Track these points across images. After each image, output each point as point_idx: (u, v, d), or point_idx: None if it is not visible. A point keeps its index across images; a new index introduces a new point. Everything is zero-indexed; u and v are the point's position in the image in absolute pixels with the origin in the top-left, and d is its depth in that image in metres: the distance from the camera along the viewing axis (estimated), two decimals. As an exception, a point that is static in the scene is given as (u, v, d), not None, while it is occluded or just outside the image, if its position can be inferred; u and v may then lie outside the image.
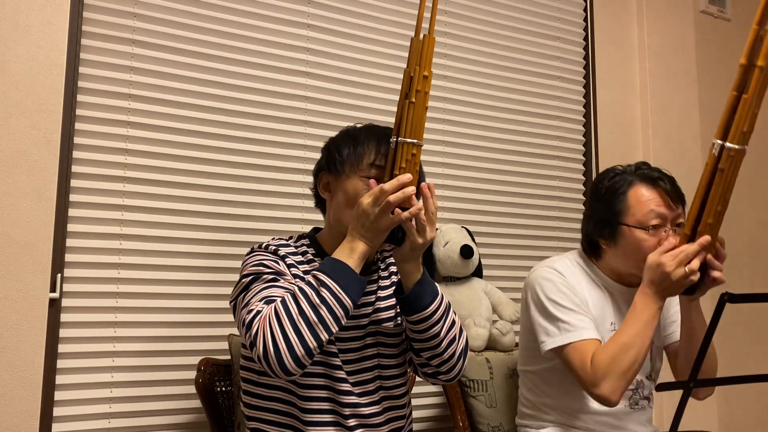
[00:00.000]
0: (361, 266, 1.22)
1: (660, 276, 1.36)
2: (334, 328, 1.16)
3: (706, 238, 1.32)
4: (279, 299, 1.17)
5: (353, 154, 1.32)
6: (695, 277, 1.35)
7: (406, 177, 1.18)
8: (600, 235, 1.56)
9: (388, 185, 1.17)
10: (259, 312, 1.17)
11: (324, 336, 1.15)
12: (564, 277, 1.54)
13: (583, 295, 1.54)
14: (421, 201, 1.23)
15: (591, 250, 1.61)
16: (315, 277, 1.18)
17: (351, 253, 1.20)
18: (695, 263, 1.34)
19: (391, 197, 1.17)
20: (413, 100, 1.21)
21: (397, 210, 1.19)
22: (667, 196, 1.50)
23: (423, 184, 1.23)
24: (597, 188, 1.60)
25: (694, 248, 1.33)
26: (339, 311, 1.16)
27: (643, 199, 1.50)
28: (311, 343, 1.13)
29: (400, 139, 1.21)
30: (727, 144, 1.26)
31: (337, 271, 1.18)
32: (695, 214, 1.33)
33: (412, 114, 1.21)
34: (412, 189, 1.18)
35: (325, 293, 1.15)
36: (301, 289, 1.17)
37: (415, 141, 1.21)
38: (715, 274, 1.37)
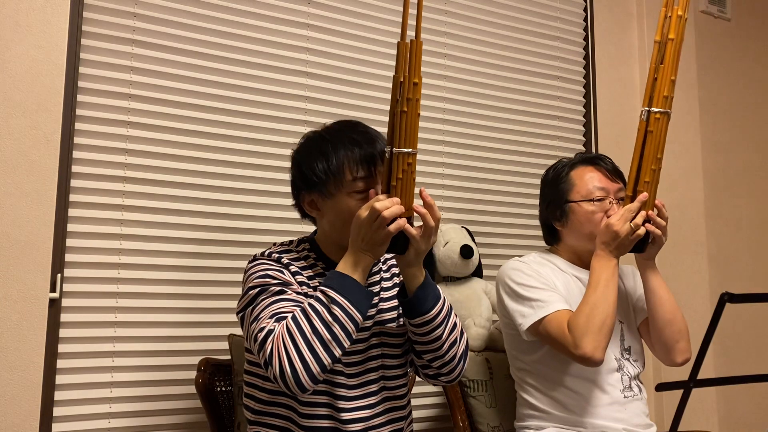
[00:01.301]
0: (366, 277, 1.23)
1: (610, 236, 1.49)
2: (347, 344, 1.18)
3: (644, 195, 1.47)
4: (290, 316, 1.18)
5: (330, 173, 1.29)
6: (641, 231, 1.47)
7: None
8: (552, 217, 1.70)
9: (379, 204, 1.18)
10: (271, 331, 1.17)
11: (338, 352, 1.17)
12: (529, 264, 1.65)
13: (550, 278, 1.63)
14: (419, 212, 1.24)
15: (550, 236, 1.75)
16: (324, 293, 1.18)
17: (355, 267, 1.21)
18: (639, 218, 1.47)
19: (385, 213, 1.18)
20: (405, 109, 1.21)
21: (398, 220, 1.19)
22: (607, 172, 1.66)
23: (423, 193, 1.24)
24: (544, 179, 1.75)
25: (636, 205, 1.48)
26: (350, 327, 1.18)
27: (585, 176, 1.65)
28: (326, 360, 1.15)
29: (395, 149, 1.21)
30: (653, 108, 1.47)
31: (345, 287, 1.19)
32: (634, 176, 1.49)
33: (405, 123, 1.21)
34: (402, 208, 1.20)
35: (336, 310, 1.17)
36: (312, 306, 1.17)
37: (410, 150, 1.21)
38: (649, 227, 1.49)
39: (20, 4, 1.68)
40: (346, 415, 1.30)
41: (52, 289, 1.67)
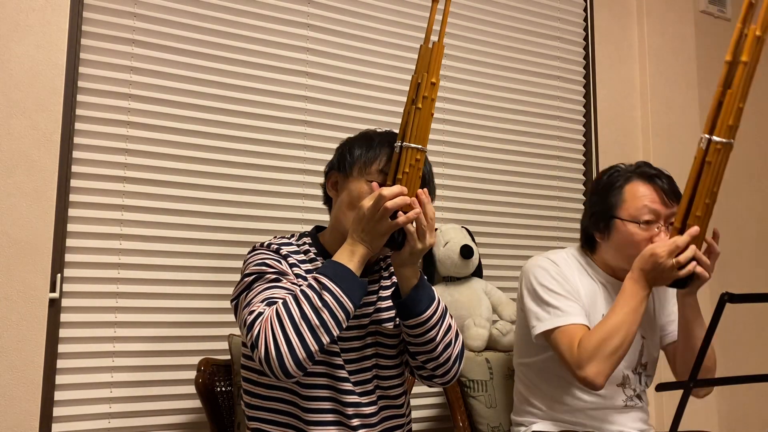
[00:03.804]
0: (362, 269, 1.23)
1: (651, 265, 1.40)
2: (336, 332, 1.17)
3: (695, 229, 1.36)
4: (281, 301, 1.18)
5: (364, 157, 1.33)
6: (684, 272, 1.38)
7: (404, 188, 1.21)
8: (595, 228, 1.60)
9: (386, 191, 1.19)
10: (260, 313, 1.17)
11: (326, 339, 1.15)
12: (557, 266, 1.58)
13: (575, 284, 1.56)
14: (415, 208, 1.23)
15: (587, 244, 1.65)
16: (316, 279, 1.18)
17: (351, 256, 1.21)
18: (683, 257, 1.37)
19: (389, 203, 1.18)
20: (420, 106, 1.23)
21: (400, 213, 1.20)
22: (663, 194, 1.53)
23: (419, 191, 1.24)
24: (596, 183, 1.65)
25: (685, 239, 1.37)
26: (341, 315, 1.17)
27: (638, 194, 1.53)
28: (313, 346, 1.14)
29: (404, 143, 1.23)
30: (714, 138, 1.31)
31: (338, 275, 1.19)
32: (685, 208, 1.37)
33: (418, 120, 1.23)
34: (410, 199, 1.21)
35: (327, 296, 1.16)
36: (303, 292, 1.17)
37: (419, 146, 1.23)
38: (698, 269, 1.39)
39: (20, 4, 1.68)
40: (351, 410, 1.30)
41: (52, 289, 1.67)
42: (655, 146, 2.57)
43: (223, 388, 1.68)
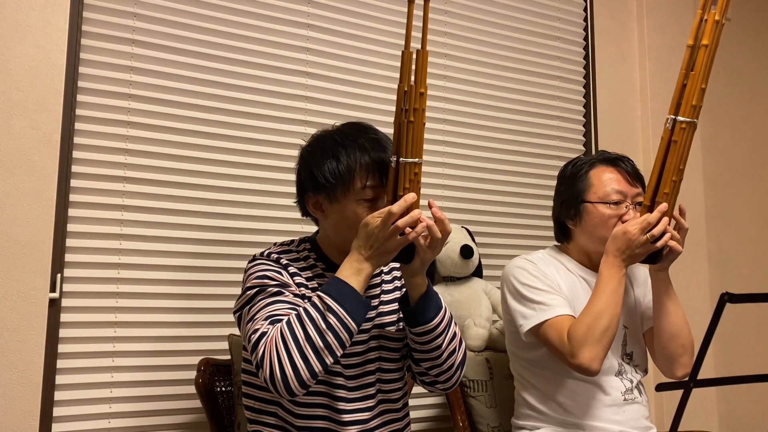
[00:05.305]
0: (366, 285, 1.22)
1: (625, 243, 1.46)
2: (339, 353, 1.17)
3: (664, 205, 1.43)
4: (285, 320, 1.17)
5: (339, 177, 1.27)
6: (658, 244, 1.44)
7: (411, 197, 1.19)
8: (567, 216, 1.66)
9: (395, 208, 1.17)
10: (264, 333, 1.17)
11: (329, 360, 1.16)
12: (535, 264, 1.62)
13: (555, 279, 1.60)
14: (423, 222, 1.21)
15: (561, 234, 1.71)
16: (321, 299, 1.17)
17: (357, 275, 1.20)
18: (656, 230, 1.43)
19: (400, 222, 1.17)
20: (411, 119, 1.20)
21: (407, 229, 1.18)
22: (627, 175, 1.61)
23: (434, 209, 1.23)
24: (561, 174, 1.72)
25: (655, 216, 1.43)
26: (344, 336, 1.17)
27: (604, 177, 1.61)
28: (317, 367, 1.15)
29: (401, 159, 1.20)
30: (679, 117, 1.40)
31: (344, 295, 1.18)
32: (653, 186, 1.44)
33: (412, 133, 1.20)
34: (418, 212, 1.19)
35: (331, 319, 1.16)
36: (307, 312, 1.16)
37: (416, 160, 1.20)
38: (671, 243, 1.45)
39: (20, 4, 1.68)
40: (346, 417, 1.30)
41: (52, 289, 1.67)
42: (655, 146, 2.57)
43: (223, 388, 1.68)
